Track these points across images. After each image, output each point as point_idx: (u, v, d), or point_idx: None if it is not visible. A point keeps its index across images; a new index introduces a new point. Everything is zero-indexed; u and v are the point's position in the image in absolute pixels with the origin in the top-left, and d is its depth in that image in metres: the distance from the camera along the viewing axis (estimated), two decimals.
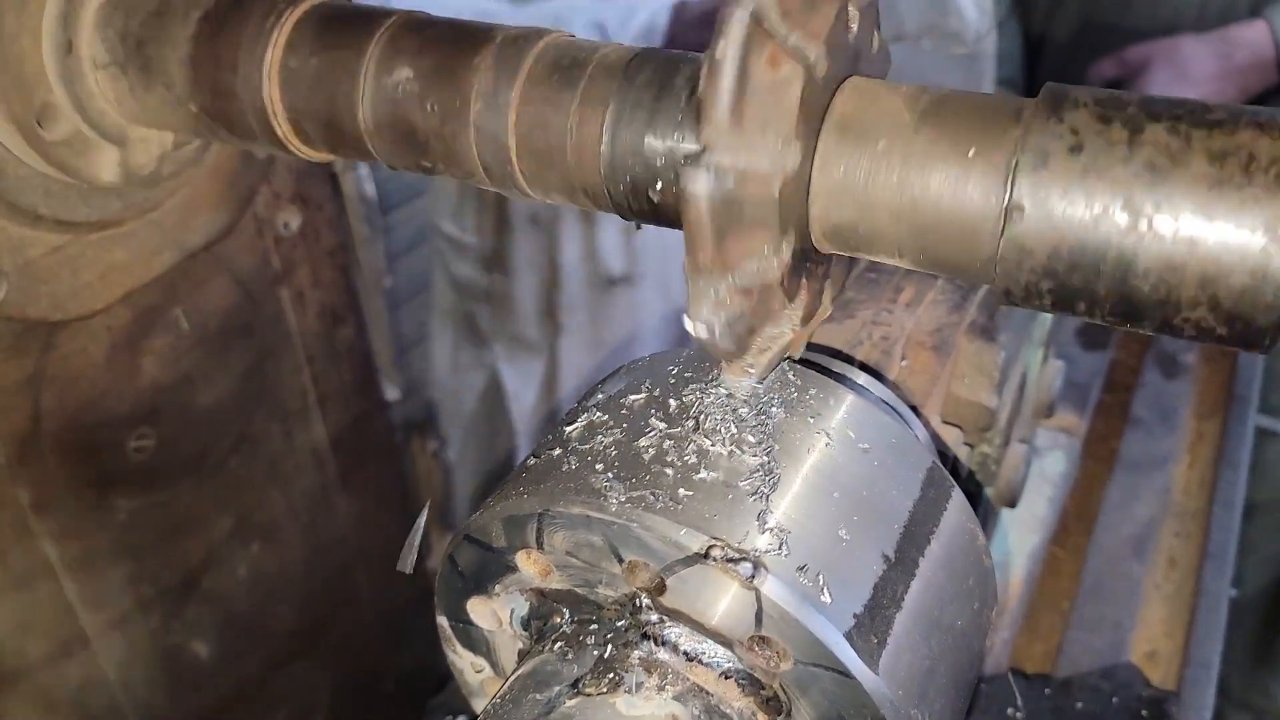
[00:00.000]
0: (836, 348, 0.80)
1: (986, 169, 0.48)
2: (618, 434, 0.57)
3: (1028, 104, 0.49)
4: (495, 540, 0.57)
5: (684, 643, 0.53)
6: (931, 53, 1.59)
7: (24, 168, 0.79)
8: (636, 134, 0.54)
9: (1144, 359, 1.30)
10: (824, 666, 0.50)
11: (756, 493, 0.53)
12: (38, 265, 0.85)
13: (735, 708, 0.53)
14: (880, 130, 0.51)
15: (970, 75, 1.59)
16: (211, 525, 1.13)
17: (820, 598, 0.50)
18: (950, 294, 0.87)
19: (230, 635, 1.18)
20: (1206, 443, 1.23)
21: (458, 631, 0.64)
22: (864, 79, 0.55)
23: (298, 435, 1.23)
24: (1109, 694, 0.90)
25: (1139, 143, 0.46)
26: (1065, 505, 1.13)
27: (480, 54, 0.59)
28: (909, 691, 0.51)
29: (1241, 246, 0.44)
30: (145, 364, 1.02)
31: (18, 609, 0.95)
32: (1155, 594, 1.07)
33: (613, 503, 0.52)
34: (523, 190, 0.63)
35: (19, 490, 0.93)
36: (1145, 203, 0.45)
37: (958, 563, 0.57)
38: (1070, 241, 0.47)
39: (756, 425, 0.56)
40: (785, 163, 0.49)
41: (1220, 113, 0.45)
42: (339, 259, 1.25)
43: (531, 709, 0.52)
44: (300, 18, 0.68)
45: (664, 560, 0.52)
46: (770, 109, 0.49)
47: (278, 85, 0.66)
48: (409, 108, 0.61)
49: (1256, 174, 0.43)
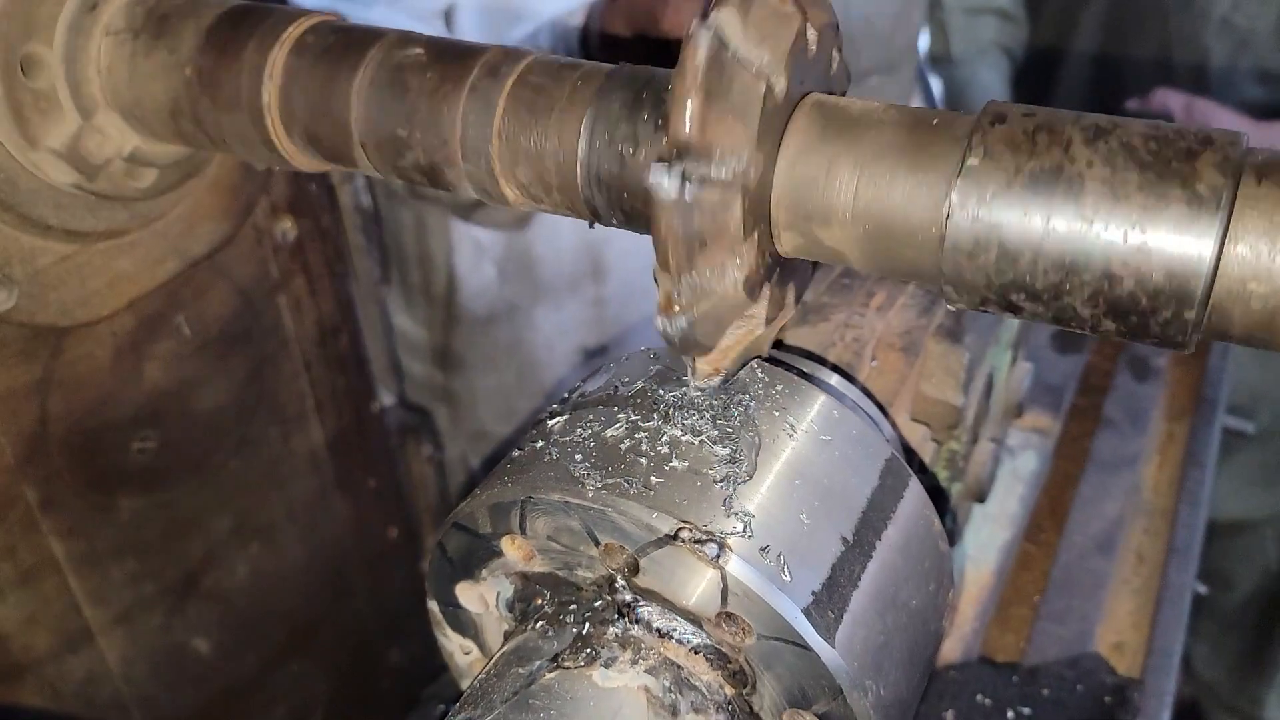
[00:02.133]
0: (810, 349, 0.84)
1: (931, 181, 0.53)
2: (595, 427, 0.61)
3: (970, 121, 0.53)
4: (481, 527, 0.61)
5: (656, 620, 0.57)
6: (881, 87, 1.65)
7: (35, 180, 0.83)
8: (611, 147, 0.59)
9: (1117, 362, 1.35)
10: (785, 640, 0.54)
11: (724, 480, 0.56)
12: (47, 273, 0.89)
13: (704, 680, 0.57)
14: (836, 144, 0.55)
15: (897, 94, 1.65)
16: (212, 525, 1.17)
17: (781, 576, 0.54)
18: (920, 298, 0.91)
19: (230, 632, 1.22)
20: (1176, 443, 1.27)
21: (447, 615, 0.68)
22: (823, 95, 0.59)
23: (296, 439, 1.27)
24: (1074, 681, 0.94)
25: (1067, 157, 0.50)
26: (1038, 503, 1.17)
27: (466, 73, 0.63)
28: (864, 664, 0.55)
29: (1159, 251, 0.48)
30: (149, 369, 1.06)
31: (25, 604, 0.99)
32: (1124, 588, 1.10)
33: (589, 489, 0.56)
34: (508, 201, 0.67)
35: (27, 489, 0.97)
36: (1073, 212, 0.49)
37: (913, 546, 0.61)
38: (1006, 249, 0.51)
39: (725, 418, 0.60)
40: (747, 172, 0.53)
41: (1139, 133, 0.49)
42: (336, 268, 1.29)
43: (514, 682, 0.56)
44: (300, 35, 0.72)
45: (637, 543, 0.56)
46: (733, 122, 0.53)
47: (276, 97, 0.70)
48: (398, 124, 0.66)
49: (1157, 188, 0.48)
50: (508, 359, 1.75)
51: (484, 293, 1.70)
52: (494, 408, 1.80)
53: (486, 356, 1.76)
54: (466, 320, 1.73)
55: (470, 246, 1.68)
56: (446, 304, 1.73)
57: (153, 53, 0.76)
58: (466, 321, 1.74)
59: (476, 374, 1.78)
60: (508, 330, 1.74)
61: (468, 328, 1.74)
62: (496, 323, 1.73)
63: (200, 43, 0.74)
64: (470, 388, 1.80)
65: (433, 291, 1.74)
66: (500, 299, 1.71)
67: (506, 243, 1.67)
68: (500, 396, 1.79)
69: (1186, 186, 0.48)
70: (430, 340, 1.80)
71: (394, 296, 1.82)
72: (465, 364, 1.78)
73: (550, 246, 1.66)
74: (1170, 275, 0.48)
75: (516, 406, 1.78)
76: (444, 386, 1.82)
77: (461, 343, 1.76)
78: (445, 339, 1.77)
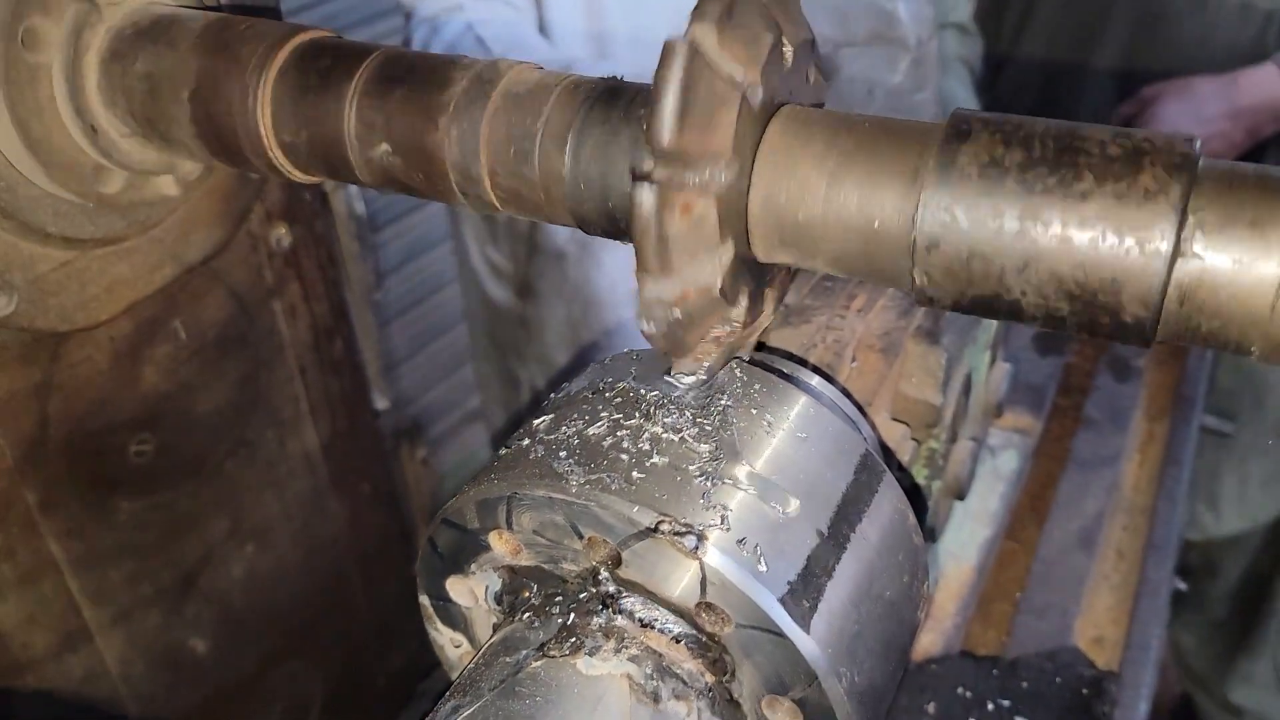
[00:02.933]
0: (791, 350, 0.86)
1: (901, 188, 0.55)
2: (580, 425, 0.63)
3: (935, 130, 0.55)
4: (470, 522, 0.63)
5: (638, 610, 0.59)
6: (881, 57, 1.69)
7: (34, 188, 0.85)
8: (594, 157, 0.61)
9: (1097, 364, 1.37)
10: (762, 629, 0.56)
11: (702, 475, 0.59)
12: (47, 279, 0.91)
13: (685, 668, 0.59)
14: (809, 153, 0.58)
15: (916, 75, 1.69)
16: (209, 526, 1.19)
17: (758, 567, 0.56)
18: (899, 301, 0.93)
19: (227, 632, 1.23)
20: (1156, 443, 1.30)
21: (438, 609, 0.70)
22: (798, 107, 0.61)
23: (291, 441, 1.29)
24: (1053, 674, 0.96)
25: (1029, 162, 0.52)
26: (1019, 501, 1.19)
27: (454, 86, 0.65)
28: (839, 651, 0.57)
29: (1119, 251, 0.50)
30: (146, 373, 1.08)
31: (25, 604, 1.01)
32: (1103, 584, 1.13)
33: (573, 485, 0.58)
34: (498, 210, 0.69)
35: (27, 491, 0.99)
36: (1036, 214, 0.52)
37: (888, 539, 0.63)
38: (974, 251, 0.53)
39: (704, 416, 0.62)
40: (723, 179, 0.56)
41: (1097, 137, 0.52)
42: (329, 274, 1.31)
43: (501, 670, 0.58)
44: (288, 56, 0.74)
45: (619, 536, 0.58)
46: (710, 131, 0.55)
47: (270, 121, 0.72)
48: (387, 138, 0.68)
49: (1114, 194, 0.50)
50: (575, 293, 1.88)
51: (560, 232, 1.82)
52: (560, 336, 1.95)
53: (557, 288, 1.89)
54: (544, 252, 1.86)
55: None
56: (529, 238, 1.88)
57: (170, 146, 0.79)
58: (544, 253, 1.87)
59: (547, 304, 1.93)
60: (577, 268, 1.85)
61: (543, 260, 1.88)
62: (567, 259, 1.85)
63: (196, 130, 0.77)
64: (540, 316, 1.95)
65: (518, 227, 1.89)
66: (573, 239, 1.82)
67: None
68: (567, 327, 1.93)
69: (1143, 189, 0.50)
70: (514, 271, 1.96)
71: (478, 232, 2.00)
72: (539, 294, 1.93)
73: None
74: (1129, 274, 0.50)
75: (580, 337, 1.92)
76: (520, 314, 1.99)
77: (536, 273, 1.91)
78: (526, 270, 1.92)
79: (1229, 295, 0.50)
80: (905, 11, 1.79)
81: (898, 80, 1.74)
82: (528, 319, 2.00)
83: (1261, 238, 0.49)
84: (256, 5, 1.02)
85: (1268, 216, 0.49)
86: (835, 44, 1.78)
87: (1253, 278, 0.49)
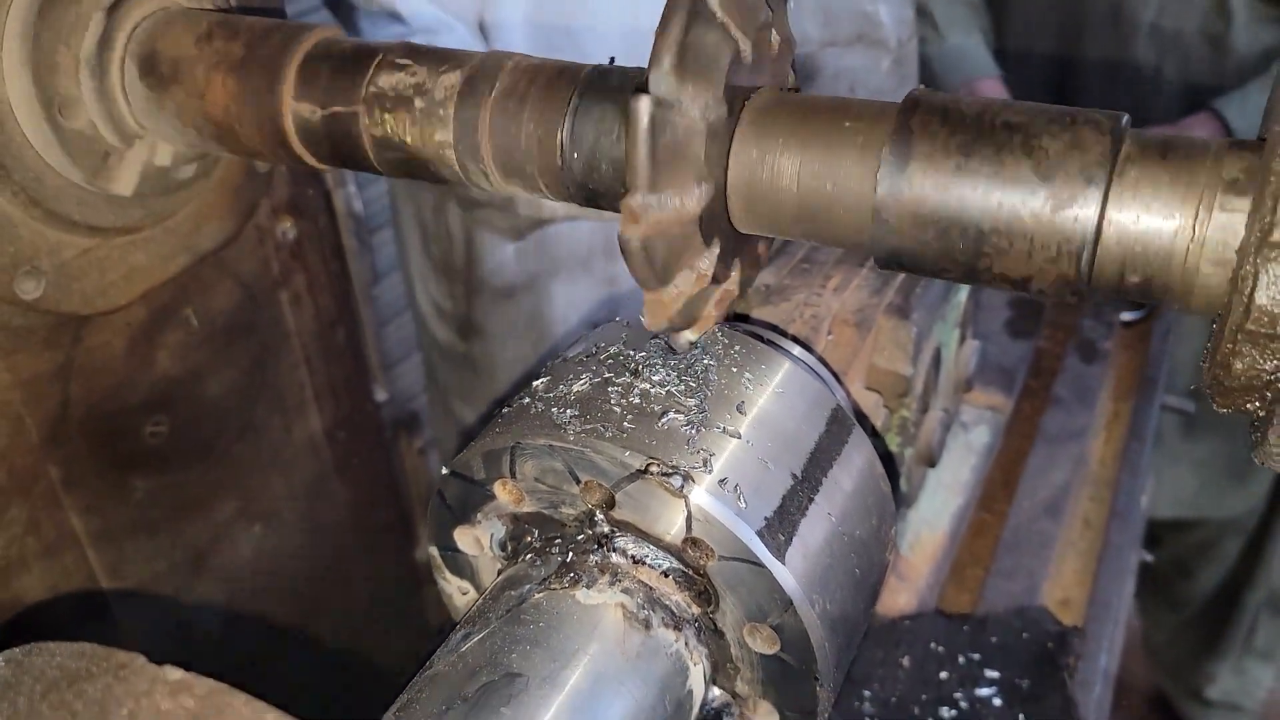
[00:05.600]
0: (772, 323, 0.92)
1: (862, 162, 0.61)
2: (576, 383, 0.69)
3: (893, 108, 0.61)
4: (476, 473, 0.69)
5: (631, 548, 0.65)
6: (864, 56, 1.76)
7: (60, 178, 0.91)
8: (588, 130, 0.67)
9: (1066, 346, 1.44)
10: (742, 560, 0.62)
11: (688, 424, 0.65)
12: (71, 265, 0.97)
13: (674, 599, 0.65)
14: (782, 128, 0.64)
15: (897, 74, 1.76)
16: (218, 506, 1.25)
17: (738, 504, 0.62)
18: (872, 280, 1.00)
19: (234, 609, 1.29)
20: (1121, 421, 1.36)
21: (446, 559, 0.76)
22: (775, 91, 0.67)
23: (296, 427, 1.34)
24: (1020, 629, 1.02)
25: (975, 137, 0.58)
26: (992, 476, 1.25)
27: (457, 75, 0.71)
28: (811, 580, 0.63)
29: (1053, 216, 0.57)
30: (160, 357, 1.13)
31: (48, 575, 1.06)
32: (1070, 550, 1.19)
33: (570, 434, 0.64)
34: (494, 186, 0.75)
35: (51, 467, 1.04)
36: (981, 184, 0.58)
37: (856, 484, 0.69)
38: (925, 218, 0.59)
39: (689, 374, 0.68)
40: (711, 115, 0.61)
41: (1025, 115, 0.58)
42: (332, 266, 1.37)
43: (507, 602, 0.64)
44: (305, 52, 0.80)
45: (613, 479, 0.64)
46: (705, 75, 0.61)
47: (289, 110, 0.78)
48: (401, 127, 0.74)
49: (1046, 164, 0.56)
50: (525, 330, 1.85)
51: (502, 268, 1.80)
52: (510, 375, 1.90)
53: (505, 327, 1.86)
54: (486, 292, 1.83)
55: (488, 225, 1.78)
56: (466, 278, 1.83)
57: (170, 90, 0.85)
58: (486, 293, 1.83)
59: (495, 343, 1.88)
60: (526, 303, 1.83)
61: (487, 299, 1.84)
62: (515, 295, 1.83)
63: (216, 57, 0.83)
64: (489, 355, 1.90)
65: (453, 265, 1.85)
66: (519, 273, 1.80)
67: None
68: (517, 365, 1.89)
69: (1072, 157, 0.57)
70: (453, 309, 1.90)
71: (418, 267, 1.93)
72: (485, 333, 1.88)
73: (566, 225, 1.76)
74: (1060, 235, 0.56)
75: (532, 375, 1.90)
76: (465, 354, 1.93)
77: (481, 313, 1.86)
78: (466, 309, 1.87)
79: (1152, 250, 0.56)
80: (886, 14, 1.87)
81: (880, 78, 1.81)
82: (474, 359, 1.94)
83: (1178, 198, 0.55)
84: (263, 6, 1.08)
85: (1184, 178, 0.55)
86: (820, 44, 1.85)
87: (1169, 233, 0.55)
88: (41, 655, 0.53)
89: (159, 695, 0.50)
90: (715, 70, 0.61)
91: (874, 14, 1.76)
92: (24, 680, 0.51)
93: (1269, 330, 0.50)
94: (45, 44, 0.85)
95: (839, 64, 1.76)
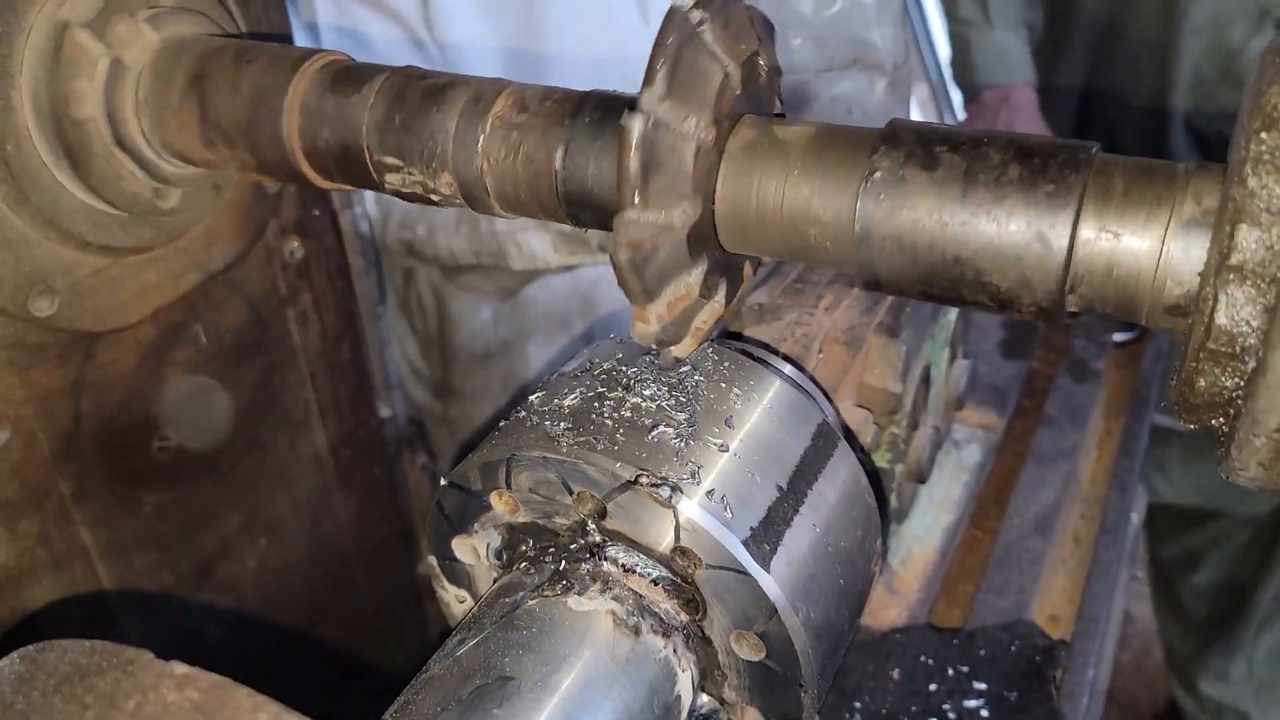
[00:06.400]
0: (764, 341, 0.95)
1: (842, 185, 0.64)
2: (570, 398, 0.71)
3: (872, 136, 0.64)
4: (473, 484, 0.72)
5: (621, 557, 0.67)
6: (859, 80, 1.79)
7: (75, 200, 0.94)
8: (582, 154, 0.70)
9: (1058, 366, 1.46)
10: (728, 568, 0.64)
11: (677, 437, 0.67)
12: (83, 284, 1.00)
13: (663, 608, 0.67)
14: (768, 157, 0.67)
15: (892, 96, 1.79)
16: (224, 520, 1.27)
17: (724, 514, 0.64)
18: (862, 300, 1.02)
19: (239, 621, 1.31)
20: (1113, 439, 1.38)
21: (445, 568, 0.78)
22: (759, 117, 0.70)
23: (301, 442, 1.37)
24: (1009, 643, 1.04)
25: (949, 164, 0.61)
26: (984, 494, 1.27)
27: (456, 103, 0.74)
28: (795, 589, 0.65)
29: (1026, 239, 0.59)
30: (169, 374, 1.16)
31: (58, 587, 1.08)
32: (1060, 567, 1.21)
33: (564, 445, 0.67)
34: (494, 211, 0.78)
35: (62, 481, 1.07)
36: (955, 209, 0.60)
37: (841, 496, 0.71)
38: (903, 241, 0.62)
39: (679, 389, 0.71)
40: (700, 136, 0.64)
41: (999, 145, 0.60)
42: (339, 285, 1.40)
43: (501, 609, 0.66)
44: (312, 75, 0.83)
45: (605, 490, 0.66)
46: (695, 94, 0.63)
47: (296, 130, 0.81)
48: (399, 145, 0.77)
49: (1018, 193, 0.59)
50: (501, 391, 1.85)
51: (479, 334, 1.81)
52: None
53: (481, 389, 1.85)
54: (462, 357, 1.83)
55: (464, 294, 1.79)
56: (441, 344, 1.84)
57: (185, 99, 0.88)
58: (462, 358, 1.83)
59: (472, 405, 1.88)
60: (502, 365, 1.83)
61: (463, 364, 1.84)
62: (491, 359, 1.83)
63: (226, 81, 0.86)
64: (466, 416, 1.89)
65: (428, 332, 1.85)
66: (495, 338, 1.81)
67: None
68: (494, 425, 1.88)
69: (1043, 186, 0.59)
70: (429, 371, 1.91)
71: (395, 328, 1.91)
72: (461, 395, 1.88)
73: (543, 289, 1.78)
74: (1037, 259, 0.59)
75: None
76: (442, 415, 1.93)
77: (458, 376, 1.86)
78: (442, 372, 1.88)
79: (1121, 275, 0.59)
80: (881, 38, 1.90)
81: (875, 101, 1.84)
82: (452, 420, 1.94)
83: (1145, 226, 0.58)
84: (271, 33, 1.12)
85: (1150, 206, 0.58)
86: (816, 69, 1.88)
87: (1136, 258, 0.58)
88: (54, 652, 0.56)
89: (165, 688, 0.52)
90: (705, 94, 0.64)
91: (869, 38, 1.79)
92: (38, 675, 0.54)
93: (1228, 349, 0.53)
94: (60, 75, 0.88)
95: (835, 88, 1.79)
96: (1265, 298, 0.50)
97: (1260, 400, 0.50)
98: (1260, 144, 0.50)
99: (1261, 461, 0.52)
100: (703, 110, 0.64)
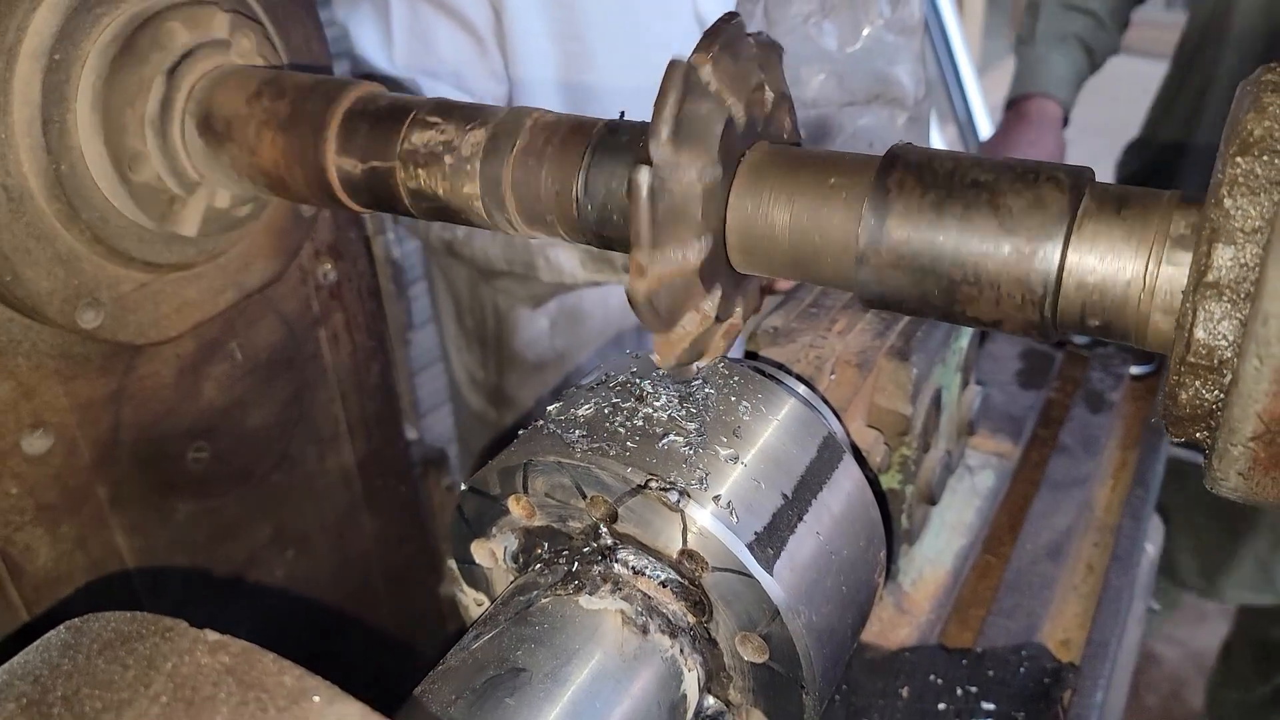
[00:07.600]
0: (777, 361, 0.98)
1: (847, 211, 0.67)
2: (587, 409, 0.75)
3: (875, 162, 0.67)
4: (492, 489, 0.75)
5: (631, 559, 0.70)
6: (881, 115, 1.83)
7: (123, 219, 0.99)
8: (601, 180, 0.74)
9: (1074, 397, 1.48)
10: (733, 570, 0.67)
11: (687, 445, 0.70)
12: (128, 298, 1.04)
13: (670, 609, 0.70)
14: (777, 180, 0.70)
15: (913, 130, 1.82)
16: (254, 532, 1.31)
17: (730, 519, 0.67)
18: (875, 324, 1.05)
19: (267, 631, 1.34)
20: (1128, 469, 1.40)
21: (464, 572, 0.81)
22: (771, 144, 0.74)
23: (330, 458, 1.41)
24: (1018, 665, 1.05)
25: (948, 189, 0.64)
26: (997, 520, 1.29)
27: (482, 132, 0.79)
28: (798, 592, 0.68)
29: (1020, 260, 0.62)
30: (205, 387, 1.21)
31: (94, 592, 1.12)
32: (1073, 594, 1.22)
33: (578, 451, 0.70)
34: (519, 231, 0.82)
35: (99, 488, 1.11)
36: (954, 232, 0.64)
37: (844, 507, 0.74)
38: (905, 262, 0.65)
39: (690, 401, 0.74)
40: (707, 177, 0.68)
41: (992, 173, 0.64)
42: (369, 307, 1.44)
43: (515, 607, 0.69)
44: (349, 106, 0.88)
45: (616, 494, 0.69)
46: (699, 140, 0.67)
47: (333, 158, 0.86)
48: (433, 181, 0.81)
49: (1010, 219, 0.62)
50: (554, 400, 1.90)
51: (535, 342, 1.86)
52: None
53: (537, 399, 1.91)
54: (518, 365, 1.88)
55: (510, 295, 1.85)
56: (498, 349, 1.89)
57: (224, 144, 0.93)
58: (518, 366, 1.88)
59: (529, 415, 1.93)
60: (556, 375, 1.88)
61: (519, 371, 1.89)
62: (546, 369, 1.87)
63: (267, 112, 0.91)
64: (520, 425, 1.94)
65: (485, 337, 1.90)
66: (551, 349, 1.86)
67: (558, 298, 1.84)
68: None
69: (1035, 215, 0.62)
70: (485, 379, 1.96)
71: (453, 336, 1.98)
72: (517, 404, 1.93)
73: (599, 303, 1.83)
74: (1028, 279, 0.62)
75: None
76: (496, 422, 1.98)
77: (513, 385, 1.91)
78: (498, 379, 1.93)
79: (1109, 298, 0.62)
80: (904, 74, 1.94)
81: (897, 135, 1.88)
82: (505, 428, 1.98)
83: (1131, 250, 0.61)
84: (313, 65, 1.17)
85: (1137, 232, 0.61)
86: (839, 104, 1.92)
87: (1123, 282, 0.61)
88: (98, 621, 0.60)
89: (199, 652, 0.56)
90: (709, 136, 0.68)
91: (891, 74, 1.83)
92: (82, 641, 0.58)
93: (1207, 362, 0.55)
94: (114, 106, 0.93)
95: (857, 123, 1.83)
96: (1239, 313, 0.53)
97: (1235, 409, 0.53)
98: (1236, 167, 0.53)
99: (1240, 471, 0.55)
100: (709, 153, 0.68)
